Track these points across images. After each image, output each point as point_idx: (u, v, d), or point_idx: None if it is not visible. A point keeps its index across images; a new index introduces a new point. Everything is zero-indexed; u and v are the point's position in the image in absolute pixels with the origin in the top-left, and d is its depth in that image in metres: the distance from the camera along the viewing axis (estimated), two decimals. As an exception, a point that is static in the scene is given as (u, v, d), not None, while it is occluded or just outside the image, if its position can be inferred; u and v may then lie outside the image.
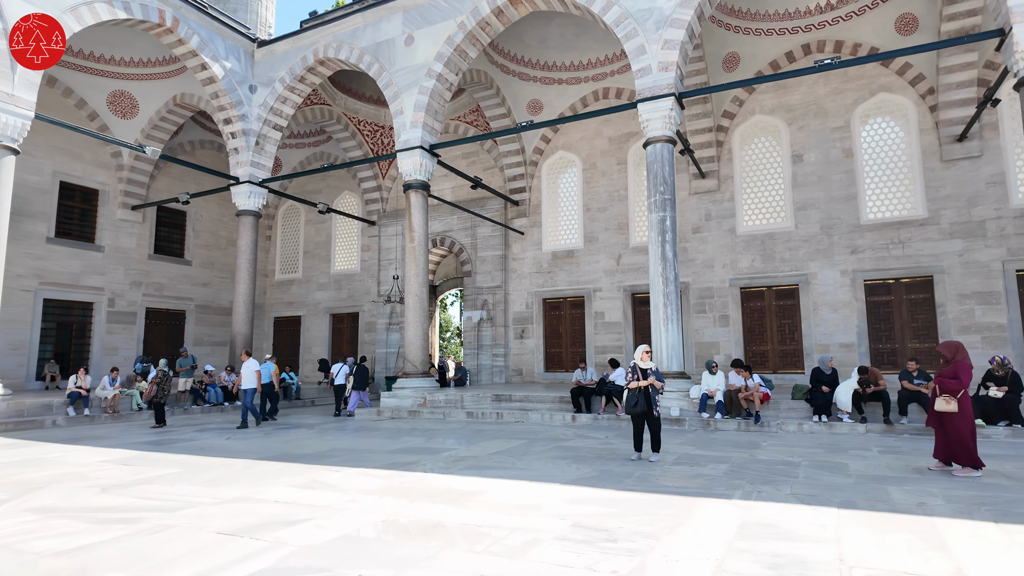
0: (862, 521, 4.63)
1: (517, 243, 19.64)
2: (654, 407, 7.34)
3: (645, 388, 7.34)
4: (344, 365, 15.72)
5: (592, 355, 17.95)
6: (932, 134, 14.90)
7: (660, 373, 7.48)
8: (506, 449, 8.54)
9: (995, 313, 13.97)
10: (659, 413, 7.42)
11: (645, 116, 12.16)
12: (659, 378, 7.39)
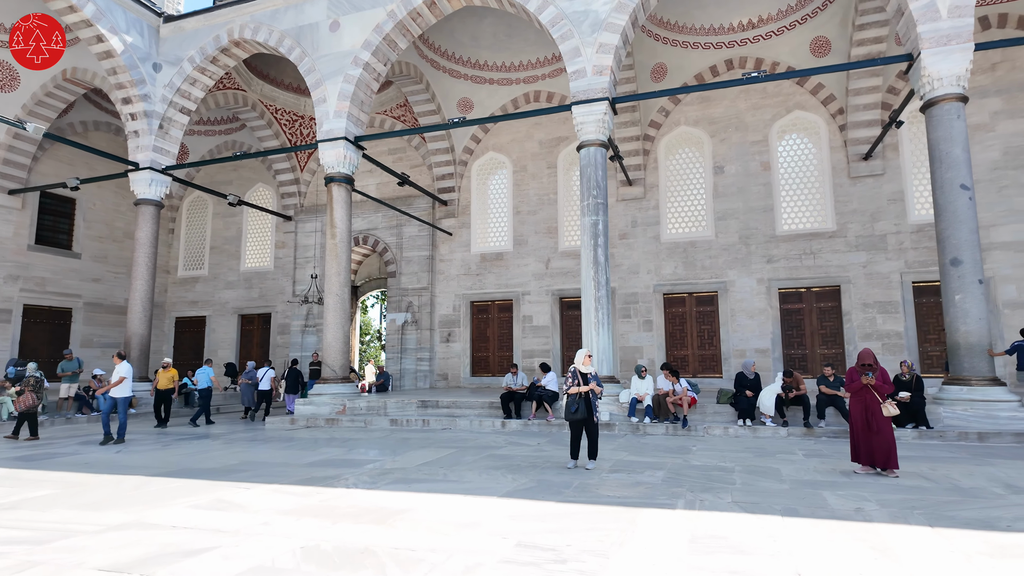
0: (808, 530, 4.55)
1: (445, 244, 19.13)
2: (594, 413, 7.13)
3: (586, 394, 7.12)
4: (269, 369, 14.96)
5: (520, 359, 17.71)
6: (841, 152, 15.81)
7: (599, 378, 7.28)
8: (436, 459, 8.06)
9: (894, 321, 14.96)
10: (599, 419, 7.21)
11: (579, 119, 12.07)
12: (599, 383, 7.20)
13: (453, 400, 12.54)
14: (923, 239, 14.95)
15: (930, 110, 10.36)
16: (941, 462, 7.35)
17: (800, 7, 15.51)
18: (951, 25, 10.04)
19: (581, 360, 7.30)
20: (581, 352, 7.37)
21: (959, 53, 9.97)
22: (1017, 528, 4.53)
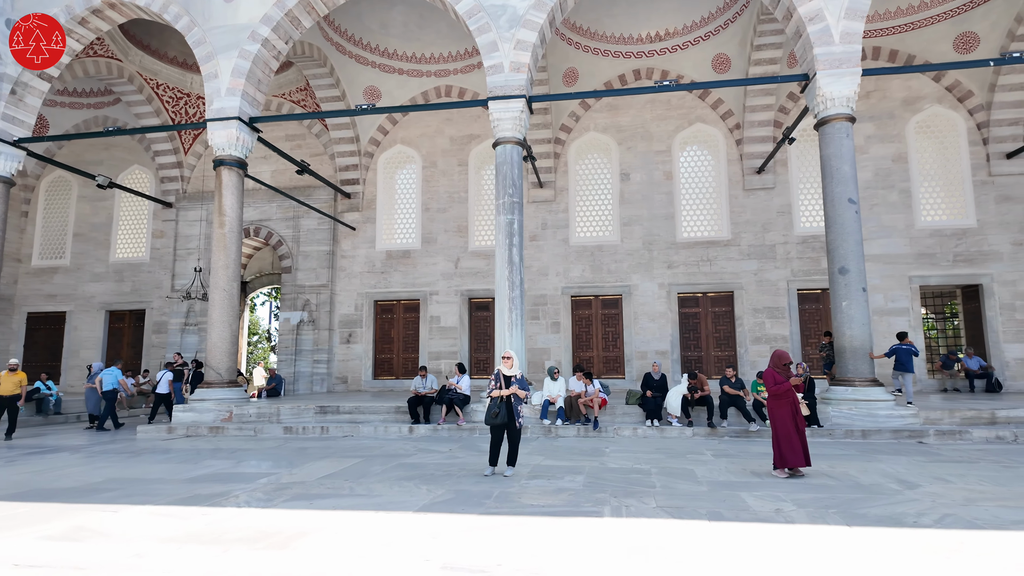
0: (737, 535, 4.49)
1: (347, 239, 18.14)
2: (516, 418, 6.82)
3: (508, 397, 6.79)
4: (167, 371, 13.47)
5: (426, 361, 17.14)
6: (737, 165, 16.70)
7: (524, 381, 6.98)
8: (339, 471, 7.39)
9: (780, 326, 15.98)
10: (521, 424, 6.91)
11: (496, 115, 11.78)
12: (523, 386, 6.90)
13: (356, 405, 11.77)
14: (807, 250, 16.10)
15: (823, 128, 11.07)
16: (837, 459, 7.75)
17: (703, 24, 16.21)
18: (843, 50, 10.80)
19: (502, 362, 6.98)
20: (503, 354, 7.09)
21: (849, 76, 10.74)
22: (923, 524, 4.72)
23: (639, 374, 16.07)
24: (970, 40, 15.12)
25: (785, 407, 6.82)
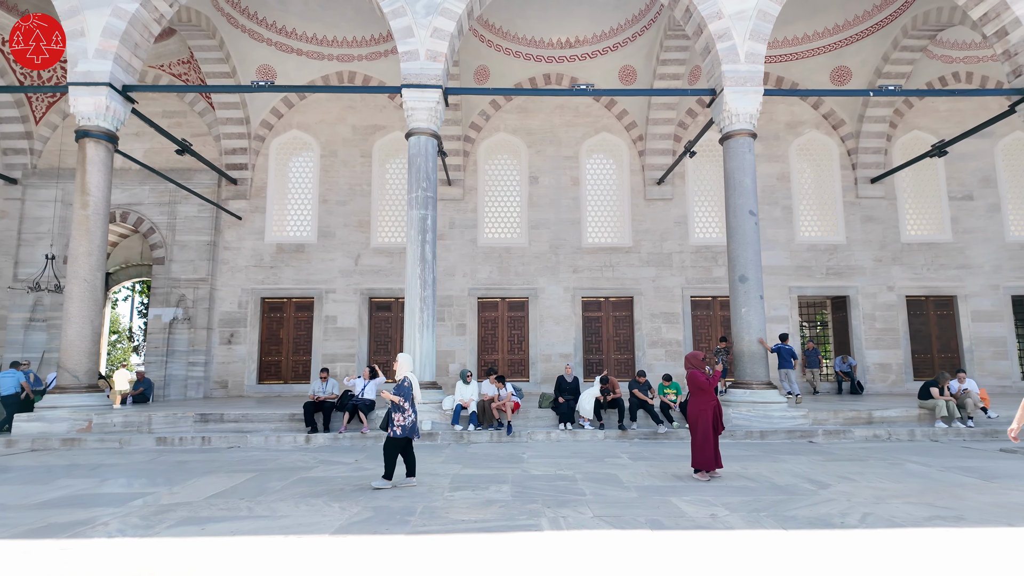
0: (687, 545, 4.33)
1: (232, 229, 16.55)
2: (390, 425, 6.42)
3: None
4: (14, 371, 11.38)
5: (319, 364, 16.01)
6: (639, 175, 17.21)
7: (404, 386, 6.45)
8: (231, 487, 6.48)
9: (675, 331, 16.63)
10: (393, 433, 6.39)
11: (410, 104, 11.18)
12: (402, 391, 6.42)
13: (242, 412, 10.61)
14: (700, 259, 16.91)
15: (727, 142, 11.59)
16: (746, 460, 7.99)
17: (612, 35, 16.57)
18: (747, 69, 11.37)
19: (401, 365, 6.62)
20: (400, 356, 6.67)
21: (752, 95, 11.32)
22: (850, 524, 4.85)
23: (543, 377, 16.04)
24: (844, 73, 16.67)
25: (708, 410, 6.89)
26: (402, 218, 16.79)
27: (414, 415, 6.47)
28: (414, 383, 6.52)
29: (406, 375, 6.56)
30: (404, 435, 6.37)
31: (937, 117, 17.32)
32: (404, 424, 6.39)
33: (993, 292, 16.58)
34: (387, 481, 6.35)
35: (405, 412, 6.41)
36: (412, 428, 6.43)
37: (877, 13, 15.59)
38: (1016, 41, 11.64)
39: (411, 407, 6.44)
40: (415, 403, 6.53)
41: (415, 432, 6.46)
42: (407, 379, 6.53)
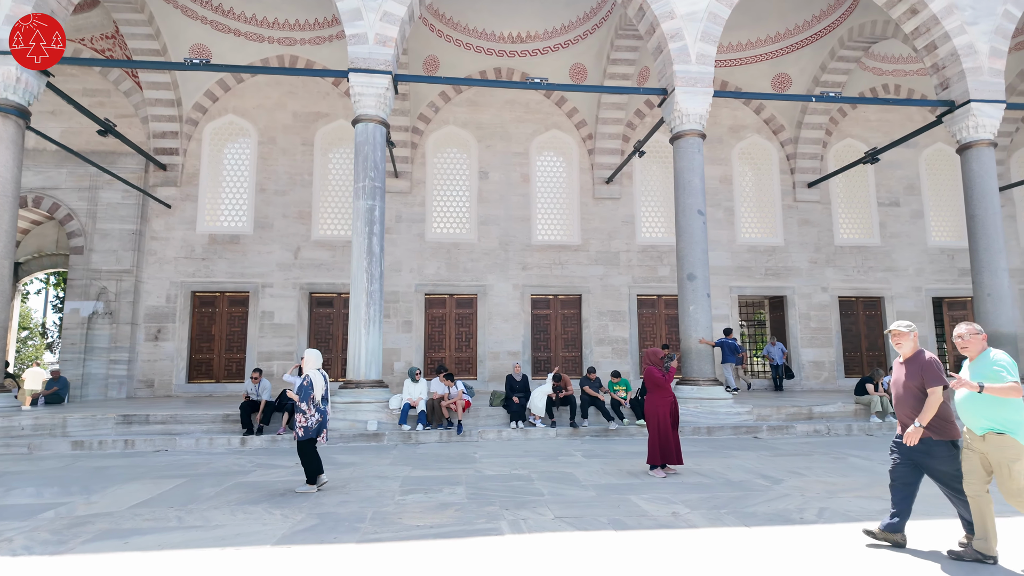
0: (653, 545, 4.21)
1: (161, 218, 15.48)
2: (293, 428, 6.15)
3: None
4: None
5: (254, 362, 15.19)
6: (588, 173, 17.24)
7: (303, 385, 6.11)
8: (158, 495, 5.92)
9: (622, 328, 16.76)
10: (297, 436, 6.08)
11: (358, 89, 10.70)
12: (300, 390, 6.10)
13: (171, 413, 9.86)
14: (646, 258, 17.10)
15: (677, 142, 11.70)
16: (697, 456, 8.02)
17: (564, 32, 16.51)
18: (698, 70, 11.50)
19: None
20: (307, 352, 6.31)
21: (702, 96, 11.47)
22: (809, 519, 4.86)
23: (491, 374, 15.81)
24: (784, 80, 17.24)
25: (665, 406, 6.86)
26: (346, 210, 16.18)
27: (319, 415, 6.11)
28: (316, 382, 6.13)
29: (308, 373, 6.17)
30: (308, 436, 6.04)
31: (868, 127, 18.19)
32: (306, 425, 6.03)
33: (916, 294, 17.55)
34: (312, 486, 6.05)
35: (307, 412, 6.04)
36: (317, 429, 6.09)
37: (816, 23, 16.19)
38: (944, 55, 12.29)
39: (313, 407, 6.08)
40: (319, 403, 6.13)
41: (319, 434, 6.12)
42: (307, 377, 6.13)
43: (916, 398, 4.01)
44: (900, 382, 4.15)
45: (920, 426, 3.90)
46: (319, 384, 6.17)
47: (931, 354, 4.07)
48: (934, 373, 3.96)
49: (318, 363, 6.31)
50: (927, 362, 4.02)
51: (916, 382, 4.02)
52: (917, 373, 4.03)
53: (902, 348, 4.16)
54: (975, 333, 3.89)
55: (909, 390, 4.06)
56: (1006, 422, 3.65)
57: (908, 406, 4.06)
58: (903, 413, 4.10)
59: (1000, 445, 3.65)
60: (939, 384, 3.93)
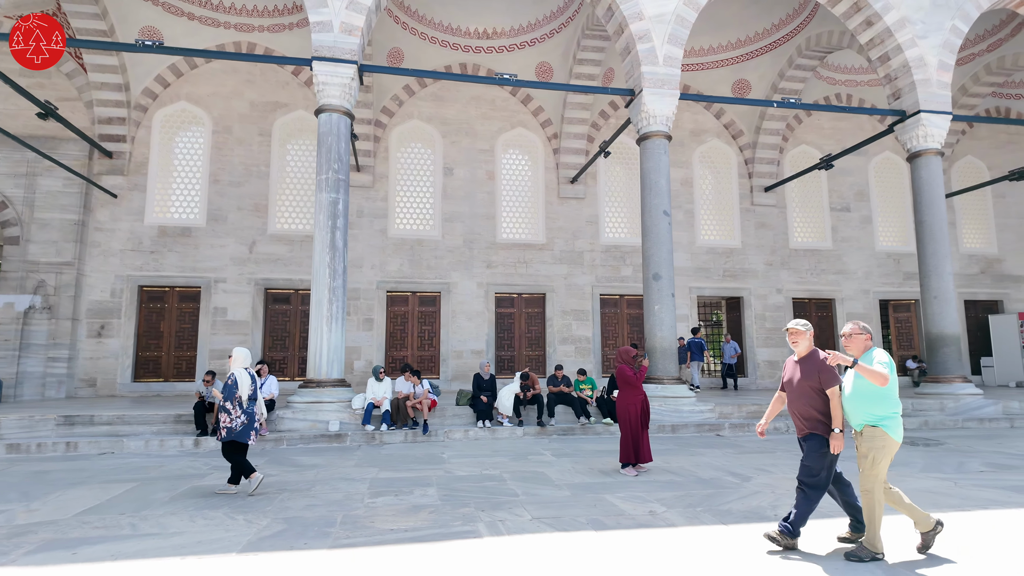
0: (635, 544, 4.16)
1: (106, 208, 14.68)
2: (218, 429, 5.91)
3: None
4: None
5: (205, 360, 14.57)
6: (554, 172, 17.24)
7: (228, 383, 5.88)
8: (107, 501, 5.55)
9: (585, 328, 16.83)
10: (220, 438, 5.91)
11: (322, 78, 10.35)
12: (226, 388, 5.88)
13: (118, 414, 9.32)
14: (609, 258, 17.22)
15: (644, 143, 11.78)
16: (665, 454, 8.06)
17: (530, 30, 16.45)
18: (666, 72, 11.62)
19: None
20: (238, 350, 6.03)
21: (669, 97, 11.58)
22: (783, 516, 4.90)
23: (455, 373, 15.62)
24: (744, 86, 17.65)
25: (635, 404, 6.86)
26: (304, 204, 15.70)
27: (245, 416, 5.87)
28: (242, 381, 5.88)
29: (234, 372, 5.91)
30: (230, 438, 5.83)
31: (822, 134, 18.81)
32: (230, 426, 5.82)
33: (864, 296, 18.25)
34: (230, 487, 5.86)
35: (231, 413, 5.83)
36: (243, 431, 5.85)
37: (776, 31, 16.62)
38: (896, 66, 12.78)
39: (239, 408, 5.85)
40: (245, 403, 5.88)
41: (246, 436, 5.87)
42: (232, 376, 5.90)
43: (811, 398, 3.99)
44: (795, 381, 4.09)
45: (838, 431, 3.87)
46: (245, 383, 5.91)
47: (825, 353, 4.00)
48: (831, 373, 3.94)
49: (246, 362, 6.04)
50: (822, 362, 3.98)
51: (811, 382, 3.99)
52: (813, 373, 3.99)
53: (798, 347, 4.12)
54: (858, 333, 3.97)
55: (804, 389, 4.02)
56: (880, 417, 3.84)
57: (803, 405, 4.02)
58: (796, 412, 4.06)
59: (871, 436, 3.85)
60: (836, 383, 3.94)
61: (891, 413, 3.84)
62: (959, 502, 5.36)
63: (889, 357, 3.89)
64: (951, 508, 5.13)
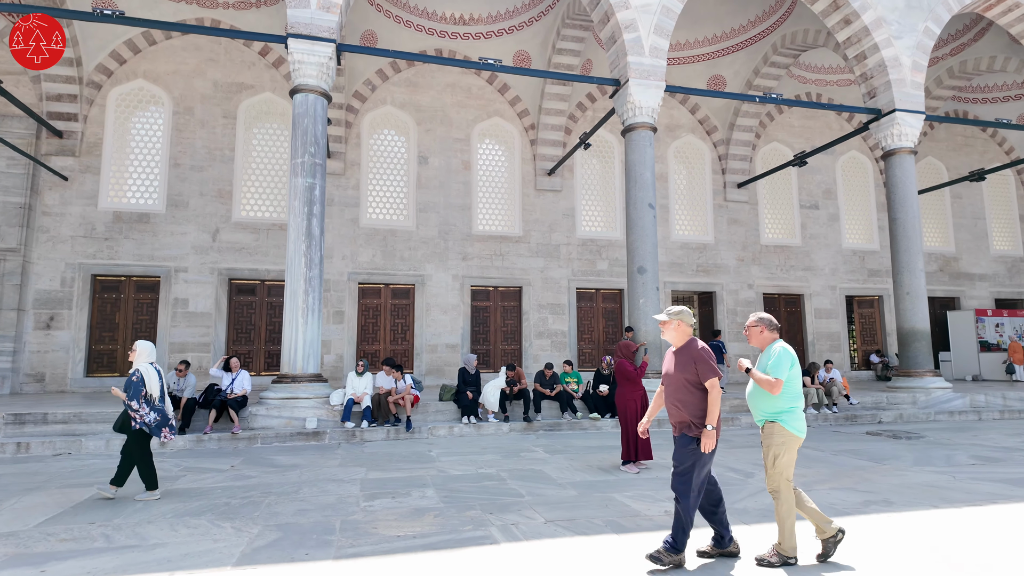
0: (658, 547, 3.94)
1: (55, 191, 13.68)
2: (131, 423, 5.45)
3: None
4: None
5: (165, 355, 13.77)
6: (531, 164, 16.97)
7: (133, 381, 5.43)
8: (71, 509, 5.02)
9: (561, 322, 16.65)
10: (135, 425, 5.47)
11: (298, 57, 9.80)
12: (129, 387, 5.41)
13: (73, 412, 8.62)
14: (585, 252, 17.08)
15: (630, 134, 11.62)
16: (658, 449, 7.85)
17: (508, 17, 16.10)
18: (651, 63, 11.47)
19: None
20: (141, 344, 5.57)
21: (655, 89, 11.45)
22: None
23: (429, 368, 15.22)
24: (719, 82, 17.73)
25: (636, 400, 6.68)
26: (271, 190, 15.00)
27: (155, 414, 5.45)
28: (149, 377, 5.46)
29: (139, 367, 5.47)
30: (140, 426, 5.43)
31: (792, 132, 19.09)
32: (144, 422, 5.40)
33: (831, 292, 18.65)
34: (152, 492, 5.36)
35: (139, 411, 5.37)
36: (153, 429, 5.43)
37: (752, 28, 16.72)
38: (872, 65, 12.98)
39: (147, 405, 5.42)
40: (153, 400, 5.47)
41: (157, 432, 5.46)
42: (137, 372, 5.46)
43: (687, 391, 3.66)
44: (670, 374, 3.78)
45: (711, 428, 3.52)
46: (152, 379, 5.50)
47: (704, 344, 3.75)
48: (707, 365, 3.64)
49: (151, 356, 5.60)
50: (699, 353, 3.68)
51: (687, 374, 3.67)
52: (689, 364, 3.68)
53: (667, 336, 3.84)
54: (754, 326, 3.84)
55: (679, 382, 3.70)
56: (778, 412, 3.68)
57: (678, 399, 3.70)
58: (672, 407, 3.74)
59: (770, 432, 3.69)
60: (714, 376, 3.62)
61: (788, 407, 3.67)
62: (965, 496, 5.35)
63: (787, 352, 3.68)
64: (961, 503, 5.10)
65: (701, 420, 3.62)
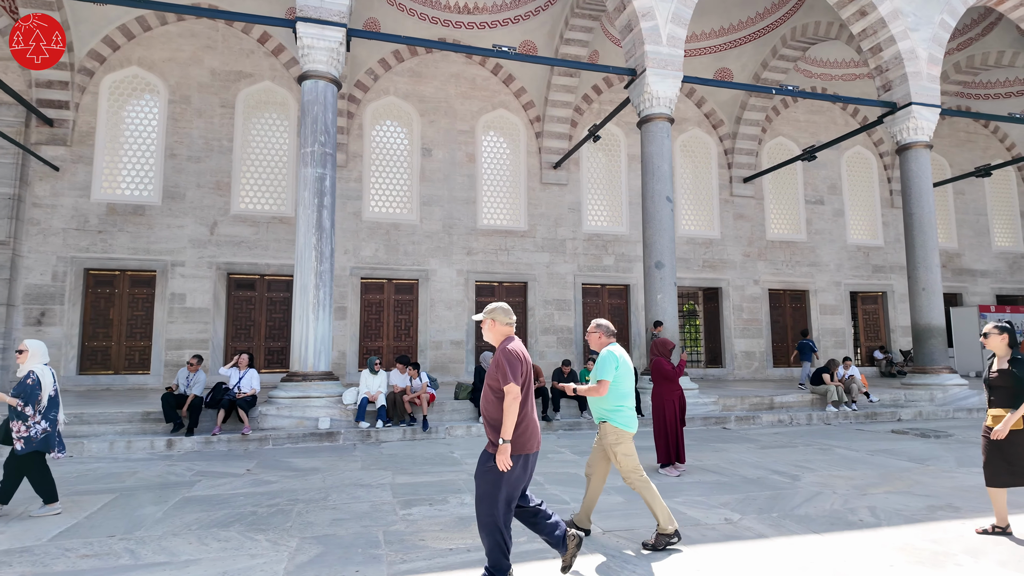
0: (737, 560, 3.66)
1: (46, 182, 13.13)
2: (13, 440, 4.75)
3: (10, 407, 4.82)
4: None
5: (162, 352, 13.31)
6: (536, 157, 16.63)
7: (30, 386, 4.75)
8: (85, 519, 4.63)
9: (567, 318, 16.37)
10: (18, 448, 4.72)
11: (307, 42, 9.39)
12: (22, 391, 4.73)
13: (74, 412, 8.18)
14: (591, 247, 16.80)
15: (646, 126, 11.34)
16: (690, 450, 7.63)
17: (514, 6, 15.72)
18: (669, 52, 11.19)
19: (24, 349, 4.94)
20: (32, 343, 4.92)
21: (672, 79, 11.17)
22: (870, 522, 4.53)
23: (433, 365, 14.87)
24: (727, 74, 17.50)
25: (674, 400, 6.41)
26: (272, 182, 14.54)
27: (47, 424, 4.81)
28: (45, 380, 4.83)
29: (32, 369, 4.83)
30: (30, 449, 4.71)
31: (797, 127, 18.93)
32: (28, 435, 4.71)
33: (836, 288, 18.54)
34: (52, 507, 4.78)
35: (30, 419, 4.72)
36: (45, 440, 4.78)
37: (760, 20, 16.50)
38: (888, 58, 12.79)
39: (39, 414, 4.78)
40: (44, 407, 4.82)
41: (50, 446, 4.82)
42: (32, 374, 4.80)
43: (489, 399, 3.22)
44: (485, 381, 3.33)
45: (505, 441, 3.08)
46: (47, 383, 4.85)
47: (513, 346, 3.25)
48: (501, 368, 3.16)
49: (45, 357, 4.97)
50: (498, 354, 3.23)
51: (491, 380, 3.22)
52: (492, 369, 3.24)
53: (485, 336, 3.40)
54: (593, 331, 4.17)
55: (485, 390, 3.27)
56: (605, 411, 4.05)
57: (486, 410, 3.25)
58: (483, 418, 3.29)
59: (604, 432, 4.05)
60: (508, 381, 3.12)
61: (616, 407, 4.01)
62: (1027, 500, 5.14)
63: (612, 355, 4.00)
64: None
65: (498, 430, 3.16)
